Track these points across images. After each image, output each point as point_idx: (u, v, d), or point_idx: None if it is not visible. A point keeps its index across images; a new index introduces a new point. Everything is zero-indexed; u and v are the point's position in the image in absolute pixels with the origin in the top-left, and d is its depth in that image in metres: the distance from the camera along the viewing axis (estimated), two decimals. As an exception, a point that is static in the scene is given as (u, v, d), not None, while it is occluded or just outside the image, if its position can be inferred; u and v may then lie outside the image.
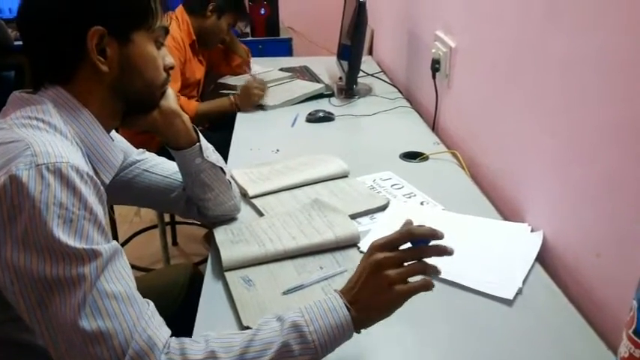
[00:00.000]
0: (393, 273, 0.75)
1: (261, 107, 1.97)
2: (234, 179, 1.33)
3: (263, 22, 3.26)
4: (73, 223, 0.70)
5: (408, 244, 0.78)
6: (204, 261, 1.17)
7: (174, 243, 2.62)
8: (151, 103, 0.94)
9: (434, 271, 0.77)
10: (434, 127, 1.78)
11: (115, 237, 2.37)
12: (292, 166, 1.42)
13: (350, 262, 1.02)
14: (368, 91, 2.13)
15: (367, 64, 2.48)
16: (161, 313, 0.76)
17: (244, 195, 1.29)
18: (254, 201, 1.26)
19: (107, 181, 0.87)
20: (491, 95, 1.38)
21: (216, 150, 1.12)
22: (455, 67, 1.61)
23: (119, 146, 1.03)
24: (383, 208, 1.24)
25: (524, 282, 0.99)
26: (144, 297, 0.76)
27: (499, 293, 0.96)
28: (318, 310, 0.74)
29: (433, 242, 0.77)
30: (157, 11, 0.88)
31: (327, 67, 2.47)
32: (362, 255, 0.80)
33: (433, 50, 1.72)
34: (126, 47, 0.85)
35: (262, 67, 2.45)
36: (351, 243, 1.08)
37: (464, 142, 1.57)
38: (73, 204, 0.70)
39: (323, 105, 2.00)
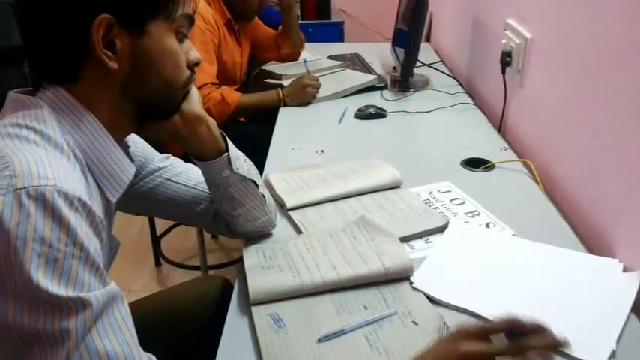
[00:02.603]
0: None
1: (306, 100, 1.81)
2: (270, 186, 1.18)
3: (313, 5, 3.08)
4: (57, 263, 0.56)
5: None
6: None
7: (214, 236, 2.52)
8: (170, 106, 0.79)
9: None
10: (500, 128, 1.57)
11: (153, 229, 2.28)
12: (337, 173, 1.26)
13: (400, 302, 0.85)
14: (425, 84, 1.93)
15: (424, 52, 2.26)
16: (187, 332, 0.62)
17: (281, 206, 1.13)
18: (292, 214, 1.11)
19: (114, 199, 0.73)
20: (576, 97, 1.16)
21: (256, 147, 0.97)
22: (530, 61, 1.39)
23: (139, 152, 0.90)
24: (441, 229, 1.06)
25: (617, 341, 0.79)
26: (169, 315, 0.62)
27: (586, 357, 0.76)
28: None
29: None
30: None
31: (381, 55, 2.27)
32: (414, 292, 0.64)
33: (503, 41, 1.51)
34: (140, 40, 0.70)
35: (310, 55, 2.27)
36: (403, 276, 0.91)
37: (537, 149, 1.36)
38: (59, 239, 0.57)
39: (374, 99, 1.82)
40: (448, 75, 2.01)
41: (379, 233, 0.99)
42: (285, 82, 1.95)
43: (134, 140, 0.91)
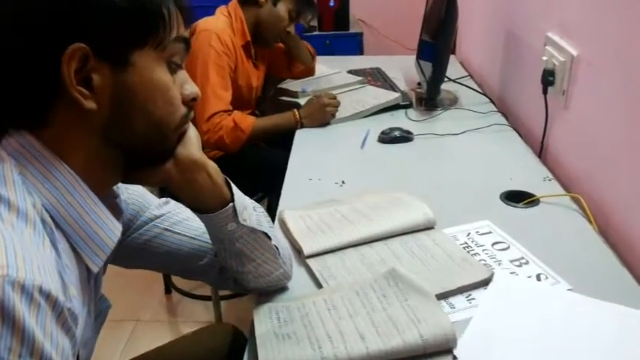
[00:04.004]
0: None
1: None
2: (285, 225, 1.04)
3: (331, 15, 2.95)
4: (6, 379, 0.43)
5: None
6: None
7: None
8: (162, 152, 0.66)
9: None
10: (540, 154, 1.41)
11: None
12: (361, 209, 1.11)
13: (443, 384, 0.71)
14: (453, 102, 1.78)
15: (450, 66, 2.08)
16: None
17: (298, 251, 0.99)
18: (310, 262, 0.97)
19: (96, 268, 0.60)
20: (631, 124, 1.00)
21: (275, 171, 0.81)
22: (576, 82, 1.23)
23: (132, 199, 0.77)
24: (485, 282, 0.91)
25: None
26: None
27: None
28: None
29: None
30: (170, 18, 0.59)
31: (404, 69, 2.13)
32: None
33: (544, 58, 1.35)
34: (123, 73, 0.57)
35: (328, 68, 2.14)
36: (444, 349, 0.76)
37: (586, 181, 1.20)
38: (10, 348, 0.43)
39: (399, 119, 1.67)
40: (478, 92, 1.85)
41: (414, 291, 0.84)
42: (302, 101, 1.82)
43: (126, 185, 0.78)
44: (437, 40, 1.61)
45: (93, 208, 0.58)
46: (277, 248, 0.82)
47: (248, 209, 0.76)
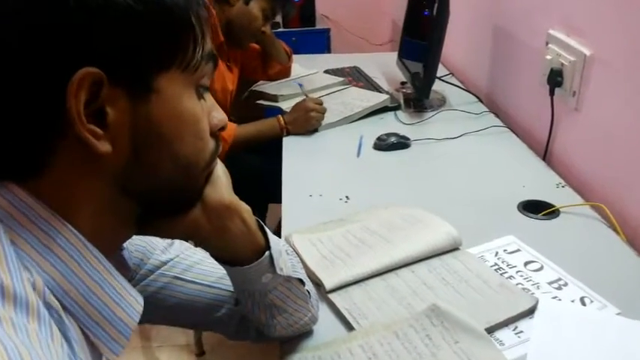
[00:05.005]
0: None
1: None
2: (296, 253, 0.92)
3: (297, 11, 2.81)
4: None
5: None
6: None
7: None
8: (189, 197, 0.53)
9: None
10: (544, 158, 1.35)
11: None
12: (375, 230, 1.00)
13: None
14: (442, 102, 1.70)
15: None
16: None
17: (317, 284, 0.88)
18: (333, 297, 0.85)
19: (114, 357, 0.46)
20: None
21: (255, 180, 0.68)
22: (589, 82, 1.17)
23: (133, 246, 0.63)
24: (529, 312, 0.82)
25: None
26: None
27: None
28: None
29: None
30: (201, 29, 0.47)
31: (382, 68, 2.03)
32: None
33: (548, 57, 1.28)
34: (144, 104, 0.44)
35: (304, 69, 2.02)
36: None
37: (602, 188, 1.14)
38: None
39: (389, 122, 1.58)
40: (468, 91, 1.78)
41: (462, 331, 0.74)
42: (283, 105, 1.69)
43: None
44: (429, 40, 1.52)
45: (108, 280, 0.45)
46: (309, 292, 0.70)
47: (283, 255, 0.63)
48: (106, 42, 0.40)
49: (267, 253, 0.60)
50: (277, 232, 1.95)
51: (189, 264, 0.70)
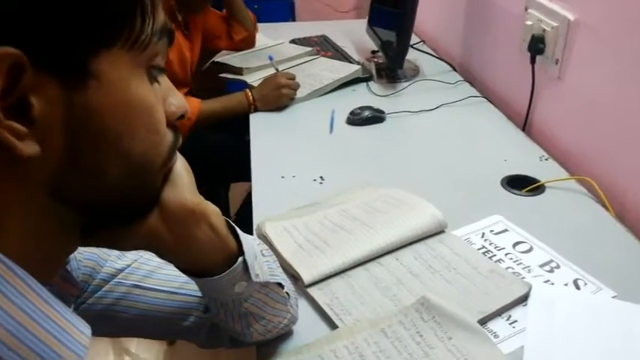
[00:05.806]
0: None
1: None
2: (270, 244, 0.85)
3: (258, -24, 2.67)
4: None
5: None
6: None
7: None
8: (140, 202, 0.44)
9: None
10: (524, 129, 1.30)
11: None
12: (354, 214, 0.93)
13: None
14: (416, 72, 1.62)
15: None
16: None
17: (294, 277, 0.80)
18: (312, 292, 0.78)
19: None
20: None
21: (218, 157, 0.58)
22: (573, 49, 1.11)
23: (81, 255, 0.54)
24: (522, 299, 0.77)
25: None
26: None
27: None
28: None
29: None
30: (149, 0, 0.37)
31: (350, 37, 1.94)
32: None
33: (528, 22, 1.22)
34: (80, 91, 0.35)
35: (269, 39, 1.90)
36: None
37: (586, 159, 1.10)
38: None
39: (362, 95, 1.50)
40: (440, 59, 1.71)
41: (456, 326, 0.68)
42: (248, 78, 1.59)
43: None
44: (402, 7, 1.43)
45: (45, 312, 0.36)
46: (289, 294, 0.63)
47: (258, 258, 0.55)
48: (24, 15, 0.31)
49: (240, 259, 0.52)
50: (242, 212, 1.88)
51: (150, 269, 0.61)
